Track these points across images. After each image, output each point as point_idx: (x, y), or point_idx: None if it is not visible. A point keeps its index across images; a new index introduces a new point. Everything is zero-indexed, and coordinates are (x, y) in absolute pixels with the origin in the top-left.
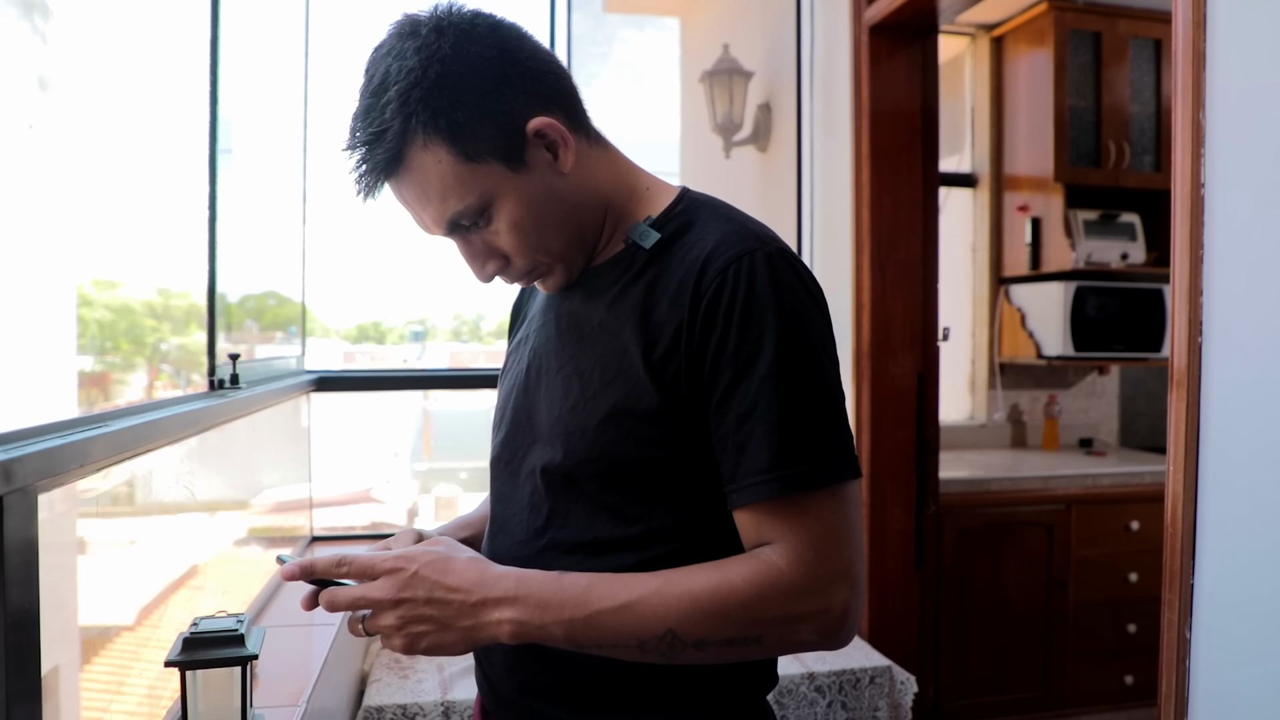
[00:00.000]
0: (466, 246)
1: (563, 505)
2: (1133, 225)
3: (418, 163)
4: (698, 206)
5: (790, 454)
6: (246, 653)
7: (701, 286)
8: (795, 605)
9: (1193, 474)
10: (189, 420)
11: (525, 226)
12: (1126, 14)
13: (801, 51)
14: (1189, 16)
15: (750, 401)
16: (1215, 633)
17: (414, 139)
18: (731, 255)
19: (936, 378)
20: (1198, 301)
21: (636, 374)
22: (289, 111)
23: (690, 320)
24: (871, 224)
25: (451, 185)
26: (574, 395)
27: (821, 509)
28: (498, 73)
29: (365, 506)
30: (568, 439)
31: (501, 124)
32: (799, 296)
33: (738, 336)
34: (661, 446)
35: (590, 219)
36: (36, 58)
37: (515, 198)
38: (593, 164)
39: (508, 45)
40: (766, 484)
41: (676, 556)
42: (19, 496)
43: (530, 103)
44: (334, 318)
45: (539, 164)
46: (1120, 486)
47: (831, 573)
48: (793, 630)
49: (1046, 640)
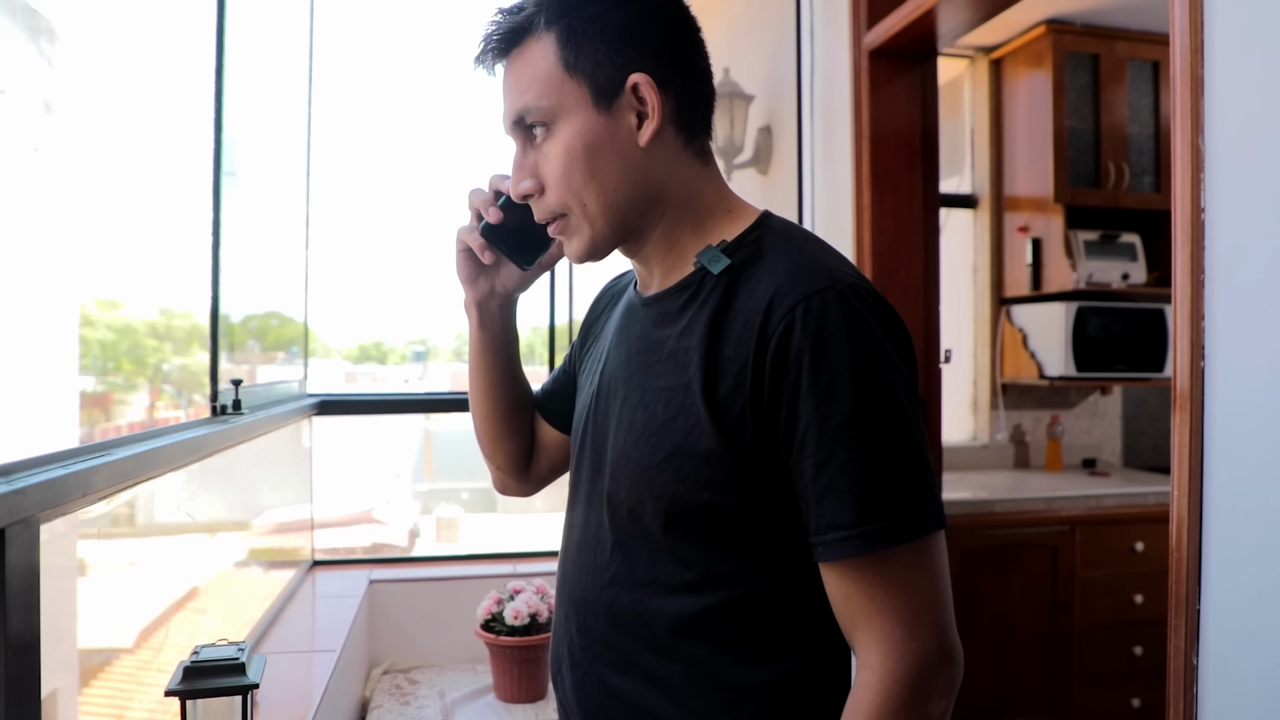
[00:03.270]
0: (520, 154)
1: (625, 540)
2: (1133, 245)
3: (529, 47)
4: (772, 234)
5: (872, 509)
6: (247, 682)
7: (769, 328)
8: (912, 699)
9: (1197, 497)
10: (191, 447)
11: (574, 158)
12: (1124, 36)
13: (802, 75)
14: (1187, 42)
15: (828, 451)
16: (1222, 659)
17: (537, 26)
18: (800, 294)
19: (939, 400)
20: (1199, 325)
21: (698, 413)
22: (292, 133)
23: (757, 363)
24: (873, 246)
25: (540, 80)
26: (638, 429)
27: (906, 570)
28: (639, 23)
29: (366, 527)
30: (630, 475)
31: (612, 60)
32: (874, 336)
33: (810, 381)
34: (720, 491)
35: (640, 202)
36: (43, 81)
37: (581, 128)
38: (673, 161)
39: (668, 14)
40: (852, 540)
41: (736, 605)
42: (21, 528)
43: (649, 67)
44: (336, 338)
45: (621, 118)
46: (1124, 507)
47: (924, 643)
48: (931, 714)
49: (1052, 663)
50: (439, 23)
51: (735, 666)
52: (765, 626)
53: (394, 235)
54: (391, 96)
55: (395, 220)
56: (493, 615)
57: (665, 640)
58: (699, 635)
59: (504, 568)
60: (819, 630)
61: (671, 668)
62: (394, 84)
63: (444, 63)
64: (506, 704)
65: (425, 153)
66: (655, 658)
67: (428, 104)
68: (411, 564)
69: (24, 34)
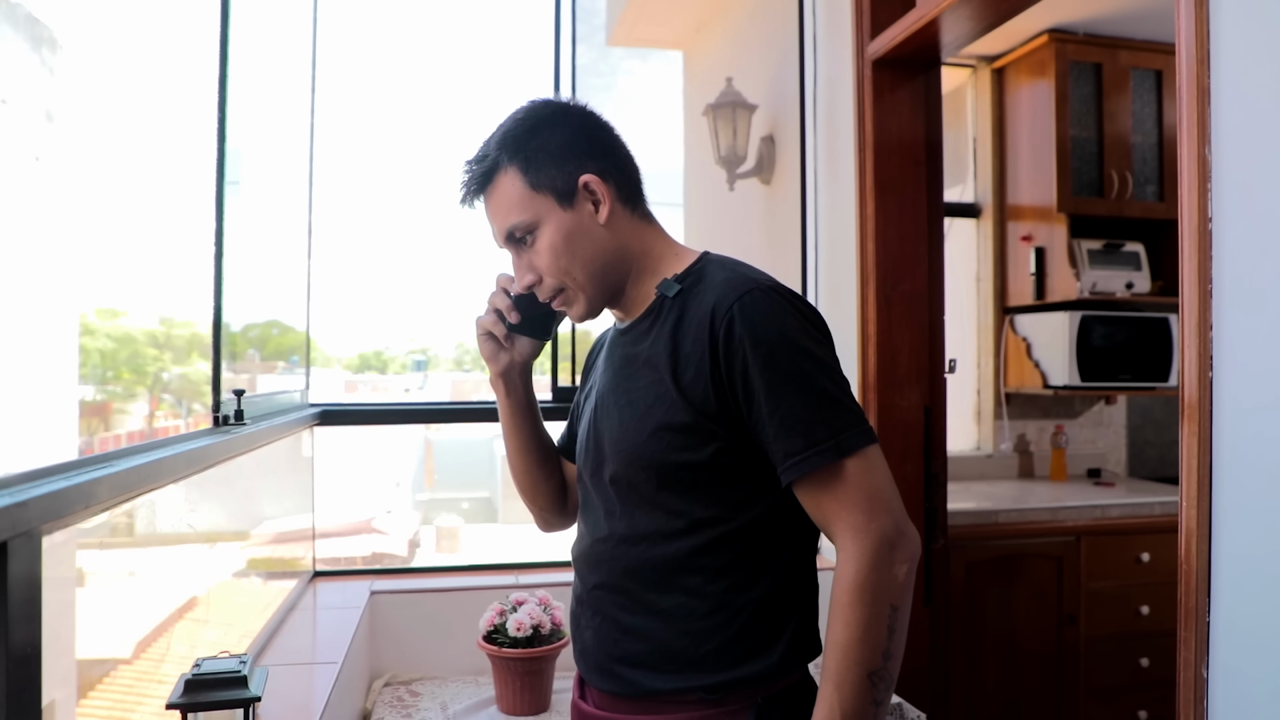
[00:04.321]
0: (517, 259)
1: (627, 507)
2: (1137, 254)
3: (499, 182)
4: (711, 264)
5: (816, 435)
6: (249, 695)
7: (716, 324)
8: (881, 565)
9: (1206, 508)
10: (194, 458)
11: (558, 251)
12: (1127, 45)
13: (805, 85)
14: (1193, 53)
15: (775, 401)
16: (1233, 671)
17: (501, 164)
18: (734, 296)
19: (944, 411)
20: (1207, 335)
21: (672, 397)
22: (296, 143)
23: (711, 352)
24: (877, 256)
25: (516, 203)
26: (627, 419)
27: (855, 474)
28: (574, 141)
29: (367, 537)
30: (625, 454)
31: (563, 171)
32: (790, 315)
33: (752, 355)
34: (694, 451)
35: (614, 265)
36: (45, 91)
37: (556, 226)
38: (628, 228)
39: (590, 127)
40: (807, 459)
41: (719, 541)
42: (24, 540)
43: (591, 168)
44: (336, 347)
45: (582, 209)
46: (1130, 518)
47: (881, 523)
48: (897, 577)
49: (1058, 675)
50: (442, 34)
51: (725, 592)
52: (744, 556)
53: (395, 244)
54: (395, 107)
55: (396, 228)
56: (495, 627)
57: (667, 577)
58: (693, 570)
59: (506, 578)
60: (786, 556)
61: (673, 600)
62: (397, 95)
63: (445, 77)
64: (509, 716)
65: (426, 164)
66: (659, 595)
67: (430, 116)
68: (413, 575)
69: (26, 44)
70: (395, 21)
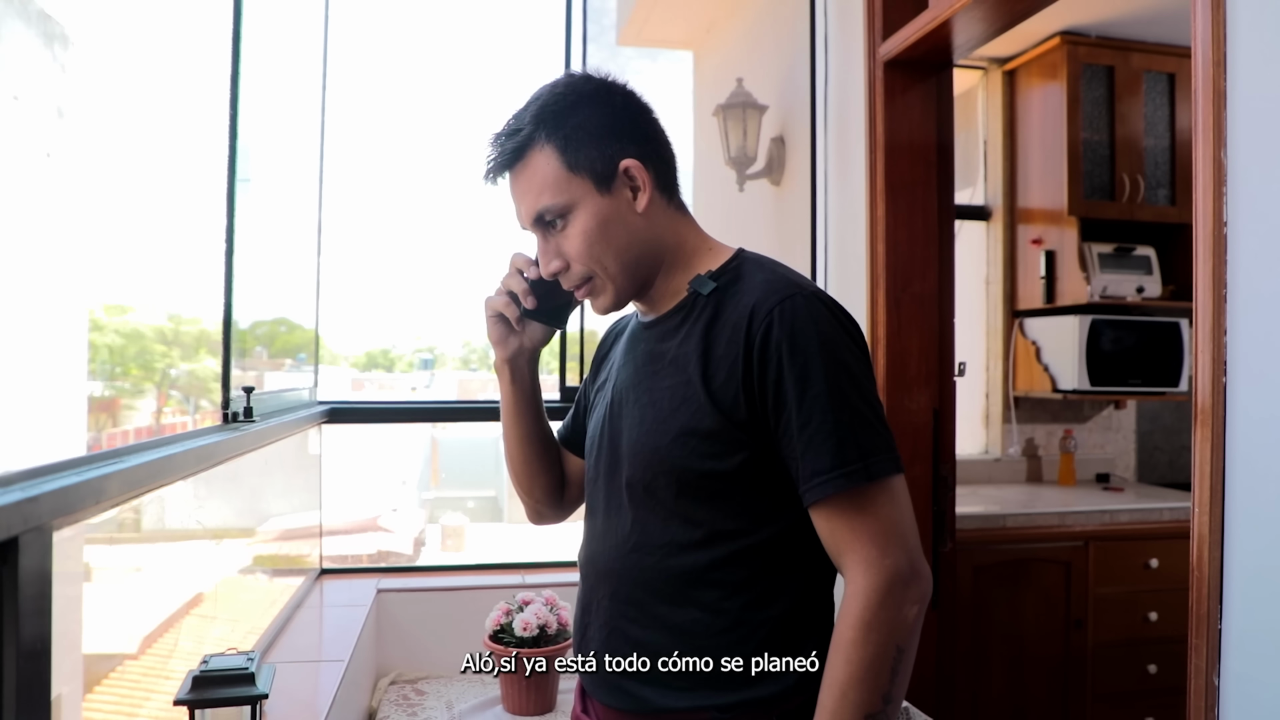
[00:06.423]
0: (543, 242)
1: (643, 514)
2: (1148, 258)
3: (533, 159)
4: (748, 263)
5: (845, 456)
6: (256, 692)
7: (753, 328)
8: (890, 603)
9: (1219, 514)
10: (203, 455)
11: (591, 237)
12: (1139, 48)
13: (816, 85)
14: (1209, 55)
15: (806, 416)
16: (1245, 679)
17: (537, 141)
18: (775, 300)
19: (953, 414)
20: (1221, 340)
21: (700, 400)
22: (307, 141)
23: (745, 356)
24: (887, 258)
25: (550, 184)
26: (649, 420)
27: (875, 504)
28: (616, 120)
29: (373, 535)
30: (645, 457)
31: (604, 154)
32: (833, 327)
33: (789, 364)
34: (719, 459)
35: (647, 257)
36: (56, 87)
37: (591, 211)
38: (664, 218)
39: (634, 109)
40: (831, 481)
41: (738, 556)
42: (35, 535)
43: (632, 152)
44: (343, 345)
45: (620, 195)
46: (1139, 523)
47: (895, 559)
48: (906, 618)
49: (1065, 680)
50: (452, 33)
51: (742, 609)
52: (764, 572)
53: (403, 242)
54: (405, 106)
55: (405, 227)
56: (501, 626)
57: (682, 591)
58: (709, 584)
59: (513, 578)
60: (807, 576)
61: (688, 614)
62: (407, 94)
63: (457, 75)
64: (515, 716)
65: (436, 163)
66: (673, 608)
67: (440, 115)
68: (420, 573)
69: (39, 40)
70: (406, 20)
